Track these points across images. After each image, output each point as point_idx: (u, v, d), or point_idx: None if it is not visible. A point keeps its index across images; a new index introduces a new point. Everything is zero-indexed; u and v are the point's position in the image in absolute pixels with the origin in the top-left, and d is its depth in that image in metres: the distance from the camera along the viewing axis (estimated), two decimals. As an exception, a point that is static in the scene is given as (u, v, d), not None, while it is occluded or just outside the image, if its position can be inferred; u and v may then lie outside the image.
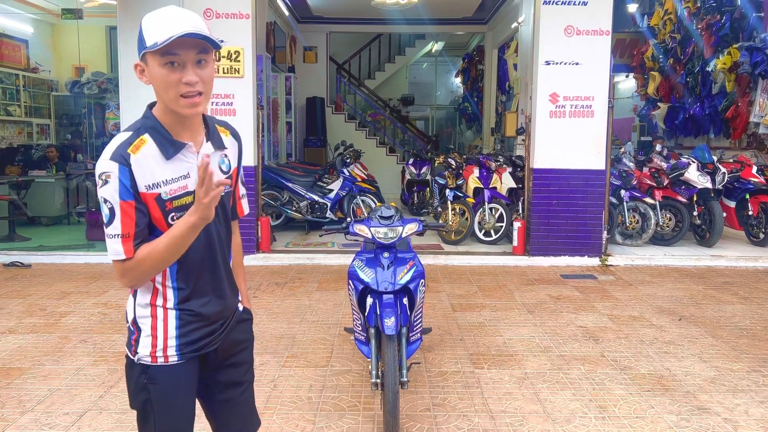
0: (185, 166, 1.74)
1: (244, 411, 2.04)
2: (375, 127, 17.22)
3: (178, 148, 1.73)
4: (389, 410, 3.05)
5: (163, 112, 1.73)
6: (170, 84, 1.66)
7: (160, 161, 1.70)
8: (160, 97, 1.72)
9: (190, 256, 1.78)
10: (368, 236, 3.40)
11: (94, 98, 11.59)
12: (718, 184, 8.09)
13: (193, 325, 1.83)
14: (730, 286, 6.51)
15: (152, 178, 1.69)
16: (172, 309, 1.80)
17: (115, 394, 3.72)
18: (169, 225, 1.72)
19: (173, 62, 1.65)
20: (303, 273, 6.99)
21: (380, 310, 3.18)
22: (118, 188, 1.63)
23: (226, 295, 1.90)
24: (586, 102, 7.33)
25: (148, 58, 1.68)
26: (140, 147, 1.68)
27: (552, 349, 4.59)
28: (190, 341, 1.82)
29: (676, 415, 3.51)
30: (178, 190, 1.73)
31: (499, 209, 8.29)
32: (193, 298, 1.82)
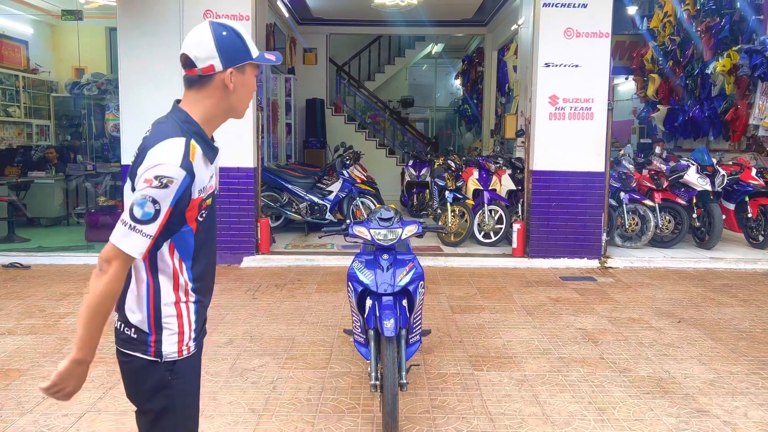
0: (211, 168, 1.84)
1: None
2: (375, 128, 17.23)
3: (215, 153, 1.84)
4: (388, 412, 3.05)
5: (207, 118, 1.81)
6: (252, 93, 1.87)
7: (204, 166, 1.77)
8: (232, 104, 1.84)
9: (203, 253, 1.86)
10: (367, 238, 3.40)
11: (93, 99, 11.59)
12: (717, 187, 8.10)
13: (202, 314, 1.92)
14: (729, 288, 6.51)
15: (201, 183, 1.76)
16: (192, 303, 1.85)
17: (114, 396, 3.72)
18: (198, 221, 1.80)
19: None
20: (302, 274, 6.99)
21: (379, 311, 3.18)
22: (174, 196, 1.66)
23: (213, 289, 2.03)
24: (585, 104, 7.34)
25: (247, 67, 1.81)
26: (195, 154, 1.72)
27: (551, 351, 4.59)
28: (200, 328, 1.90)
29: (676, 418, 3.51)
30: (208, 190, 1.82)
31: (498, 211, 8.29)
32: (203, 290, 1.89)
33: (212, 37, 1.74)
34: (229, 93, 1.80)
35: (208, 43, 1.74)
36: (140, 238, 1.64)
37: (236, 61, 1.76)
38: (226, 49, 1.74)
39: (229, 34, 1.76)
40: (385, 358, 3.07)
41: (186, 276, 1.83)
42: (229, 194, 7.33)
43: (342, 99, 16.73)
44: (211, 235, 1.92)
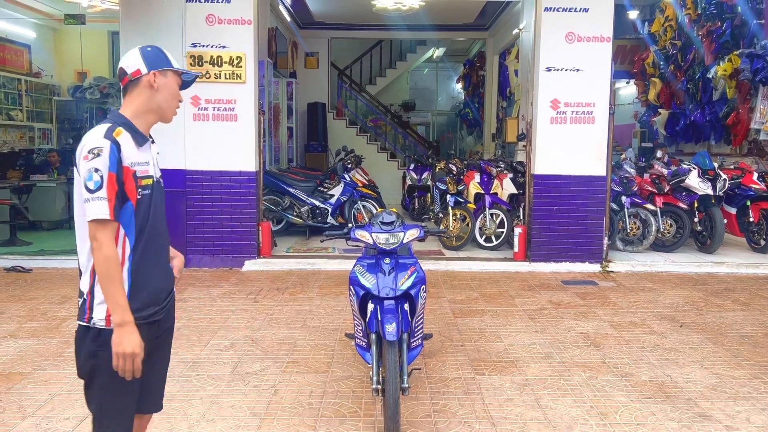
0: (147, 155, 2.21)
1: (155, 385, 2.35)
2: (376, 132, 17.25)
3: (144, 140, 2.20)
4: (390, 416, 3.05)
5: (135, 116, 2.21)
6: (177, 97, 2.29)
7: (134, 147, 2.14)
8: (158, 103, 2.23)
9: (149, 237, 2.16)
10: (369, 242, 3.40)
11: (96, 103, 11.64)
12: (719, 191, 8.10)
13: (143, 295, 2.15)
14: (731, 292, 6.50)
15: (132, 158, 2.11)
16: (126, 279, 2.11)
17: (116, 399, 3.72)
18: (137, 197, 2.12)
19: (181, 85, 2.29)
20: (304, 278, 6.99)
21: (381, 315, 3.18)
22: (108, 161, 2.02)
23: (169, 271, 2.33)
24: (587, 108, 7.35)
25: (170, 73, 2.24)
26: (120, 134, 2.10)
27: (553, 355, 4.59)
28: (140, 308, 2.12)
29: (678, 422, 3.50)
30: (143, 172, 2.16)
31: (500, 215, 8.29)
32: (145, 268, 2.16)
33: (138, 52, 2.21)
34: (154, 92, 2.20)
35: (135, 55, 2.21)
36: (99, 202, 2.00)
37: (158, 66, 2.21)
38: (149, 57, 2.21)
39: (153, 49, 2.25)
40: (387, 362, 3.07)
41: (128, 252, 2.12)
42: (231, 198, 7.34)
43: (343, 103, 16.77)
44: (157, 221, 2.21)
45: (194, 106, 7.21)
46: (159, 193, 2.24)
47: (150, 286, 2.18)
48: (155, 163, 2.26)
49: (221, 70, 7.18)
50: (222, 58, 7.18)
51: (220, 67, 7.18)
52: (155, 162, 2.26)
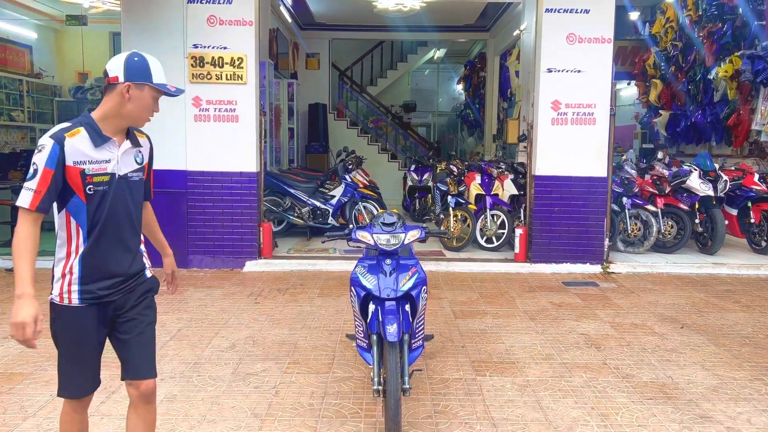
0: (107, 154, 2.36)
1: (140, 355, 2.51)
2: (377, 133, 17.27)
3: (104, 141, 2.35)
4: (391, 417, 3.05)
5: (103, 118, 2.35)
6: (149, 110, 2.41)
7: (89, 147, 2.31)
8: (127, 111, 2.35)
9: (102, 230, 2.38)
10: (370, 243, 3.40)
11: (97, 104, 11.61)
12: (719, 192, 8.10)
13: (95, 279, 2.38)
14: (732, 294, 6.50)
15: (81, 157, 2.29)
16: (77, 264, 2.36)
17: (117, 400, 3.72)
18: (85, 192, 2.32)
19: (157, 99, 2.42)
20: (305, 279, 6.99)
21: (382, 316, 3.18)
22: (46, 158, 2.23)
23: (127, 259, 2.47)
24: (587, 109, 7.35)
25: (147, 87, 2.36)
26: (75, 134, 2.29)
27: (554, 356, 4.59)
28: (90, 290, 2.38)
29: (679, 424, 3.50)
30: (99, 169, 2.34)
31: (500, 216, 8.29)
32: (98, 256, 2.39)
33: (124, 59, 2.34)
34: (125, 101, 2.33)
35: (119, 61, 2.34)
36: (27, 192, 2.22)
37: (135, 78, 2.33)
38: (131, 68, 2.33)
39: (140, 60, 2.36)
40: (388, 363, 3.07)
41: (81, 241, 2.36)
42: (232, 199, 7.34)
43: (344, 104, 16.78)
44: (117, 214, 2.40)
45: (195, 107, 7.22)
46: (121, 188, 2.41)
47: (101, 272, 2.39)
48: (128, 161, 2.43)
49: (222, 71, 7.19)
50: (223, 59, 7.19)
51: (221, 68, 7.19)
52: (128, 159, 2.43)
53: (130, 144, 2.44)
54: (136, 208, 2.51)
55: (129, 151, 2.44)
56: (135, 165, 2.47)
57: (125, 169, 2.43)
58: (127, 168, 2.43)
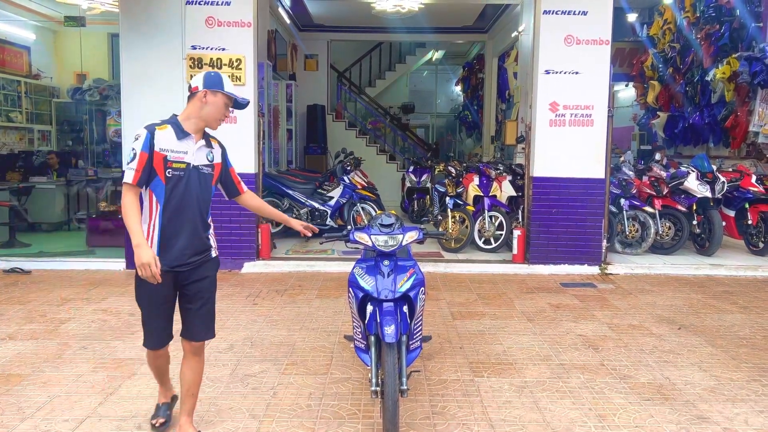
0: (186, 147, 3.04)
1: (199, 320, 3.16)
2: (375, 134, 17.26)
3: (184, 136, 3.05)
4: (389, 418, 3.05)
5: (185, 118, 3.07)
6: (221, 113, 3.09)
7: (172, 138, 3.01)
8: (205, 114, 3.05)
9: (175, 206, 3.01)
10: (368, 244, 3.40)
11: (95, 105, 11.62)
12: (717, 194, 8.12)
13: (168, 251, 3.02)
14: (729, 295, 6.51)
15: (165, 146, 2.98)
16: (155, 237, 3.00)
17: (115, 401, 3.72)
18: (165, 175, 2.98)
19: (228, 106, 3.10)
20: (303, 280, 6.99)
21: (380, 317, 3.19)
22: (141, 144, 2.94)
23: (195, 239, 3.09)
24: (585, 111, 7.36)
25: (220, 94, 3.04)
26: (163, 129, 3.01)
27: (552, 357, 4.59)
28: (164, 260, 2.98)
29: (676, 425, 3.51)
30: (178, 158, 3.01)
31: (498, 217, 8.30)
32: (171, 231, 3.02)
33: (203, 74, 3.08)
34: (203, 104, 3.03)
35: (199, 76, 3.08)
36: (129, 171, 2.94)
37: (211, 87, 3.03)
38: (207, 80, 3.05)
39: (215, 74, 3.07)
40: (386, 364, 3.08)
41: (158, 213, 3.00)
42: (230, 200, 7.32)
43: (343, 105, 16.78)
44: (187, 198, 3.02)
45: (194, 108, 7.21)
46: (193, 176, 3.05)
47: (173, 247, 3.02)
48: (200, 156, 3.08)
49: (221, 72, 7.18)
50: (222, 60, 7.20)
51: (220, 69, 7.19)
52: (201, 155, 3.08)
53: (204, 143, 3.11)
54: (204, 195, 3.13)
55: (202, 149, 3.10)
56: (206, 161, 3.13)
57: (198, 162, 3.08)
58: (200, 161, 3.09)
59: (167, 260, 2.99)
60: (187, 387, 3.20)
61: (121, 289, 6.42)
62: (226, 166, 3.31)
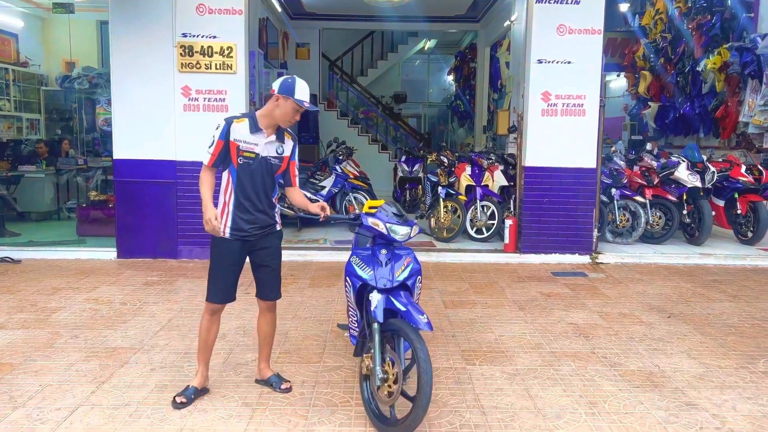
0: (257, 140, 3.49)
1: (267, 283, 3.71)
2: (367, 124, 17.21)
3: (257, 130, 3.49)
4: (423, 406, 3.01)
5: (261, 115, 3.50)
6: (290, 116, 3.48)
7: (246, 132, 3.47)
8: (276, 115, 3.46)
9: (246, 187, 3.49)
10: (382, 231, 3.37)
11: (84, 93, 11.50)
12: (707, 183, 8.17)
13: (240, 221, 3.52)
14: (718, 284, 6.57)
15: (239, 137, 3.46)
16: (231, 209, 3.52)
17: (108, 390, 3.71)
18: (238, 160, 3.46)
19: (298, 111, 3.48)
20: (295, 269, 6.99)
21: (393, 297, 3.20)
22: (220, 133, 3.45)
23: (261, 214, 3.57)
24: (577, 100, 7.37)
25: (290, 100, 3.42)
26: (241, 122, 3.49)
27: (543, 345, 4.63)
28: (236, 228, 3.53)
29: (665, 411, 3.55)
30: (249, 147, 3.48)
31: (490, 207, 8.32)
32: (242, 207, 3.51)
33: (281, 79, 3.47)
34: (275, 106, 3.45)
35: (278, 80, 3.48)
36: (207, 155, 3.50)
37: (283, 92, 3.42)
38: (282, 84, 3.44)
39: (291, 81, 3.45)
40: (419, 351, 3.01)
41: (232, 191, 3.51)
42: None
43: (335, 94, 16.70)
44: (255, 180, 3.51)
45: (185, 97, 7.17)
46: (260, 166, 3.50)
47: (242, 219, 3.51)
48: (270, 149, 3.53)
49: (212, 61, 7.14)
50: (212, 48, 7.14)
51: (211, 57, 7.14)
52: (270, 148, 3.52)
53: (275, 138, 3.53)
54: (270, 181, 3.58)
55: (273, 143, 3.53)
56: (275, 153, 3.56)
57: (266, 154, 3.52)
58: (269, 153, 3.52)
59: (239, 230, 3.51)
60: (263, 336, 3.82)
61: (112, 278, 6.39)
62: (291, 159, 3.68)
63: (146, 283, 6.29)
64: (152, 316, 5.18)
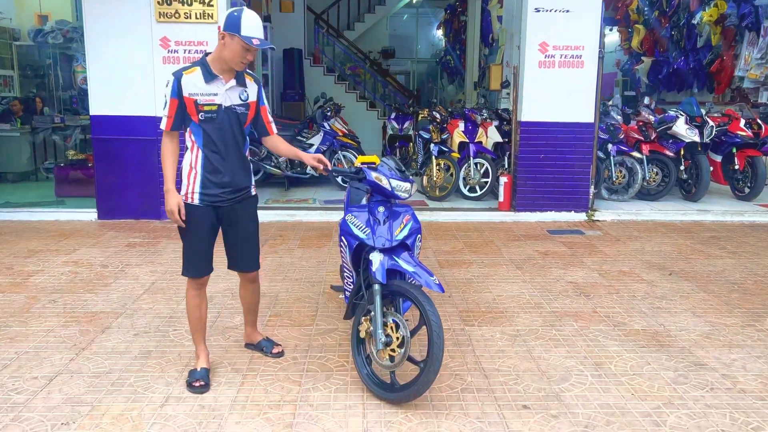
0: (215, 89, 3.02)
1: (245, 254, 3.36)
2: (355, 80, 16.74)
3: (213, 77, 3.01)
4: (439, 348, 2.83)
5: (213, 60, 3.02)
6: (240, 56, 2.95)
7: (200, 82, 2.99)
8: (225, 56, 2.96)
9: (213, 147, 3.06)
10: (386, 187, 3.09)
11: (59, 48, 11.00)
12: (706, 138, 7.97)
13: (210, 186, 3.08)
14: (717, 240, 6.44)
15: (194, 90, 2.99)
16: (198, 172, 3.07)
17: (88, 357, 3.50)
18: (199, 117, 3.00)
19: (247, 49, 2.93)
20: (284, 230, 6.76)
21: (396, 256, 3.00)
22: (170, 90, 2.97)
23: (233, 175, 3.13)
24: (576, 51, 7.08)
25: (237, 38, 2.89)
26: (191, 72, 3.01)
27: (543, 305, 4.47)
28: (207, 194, 3.09)
29: (674, 372, 3.41)
30: (208, 100, 3.00)
31: (484, 164, 8.09)
32: (211, 168, 3.07)
33: (227, 13, 2.96)
34: (222, 47, 2.96)
35: (224, 17, 2.96)
36: (163, 118, 3.03)
37: (228, 29, 2.92)
38: (227, 20, 2.93)
39: (238, 14, 2.91)
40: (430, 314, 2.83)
41: (198, 152, 3.07)
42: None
43: (321, 49, 16.18)
44: (224, 136, 3.06)
45: (163, 49, 6.78)
46: (226, 118, 3.04)
47: (212, 182, 3.07)
48: (232, 96, 3.05)
49: (191, 10, 6.73)
50: (192, -4, 6.72)
51: (190, 6, 6.72)
52: (232, 95, 3.05)
53: (235, 83, 3.05)
54: (241, 134, 3.13)
55: (234, 89, 3.06)
56: (240, 100, 3.09)
57: (230, 102, 3.06)
58: (232, 101, 3.06)
59: (209, 196, 3.09)
60: (248, 305, 3.53)
61: (93, 240, 6.13)
62: (259, 104, 3.21)
63: (128, 244, 6.03)
64: (135, 279, 4.95)
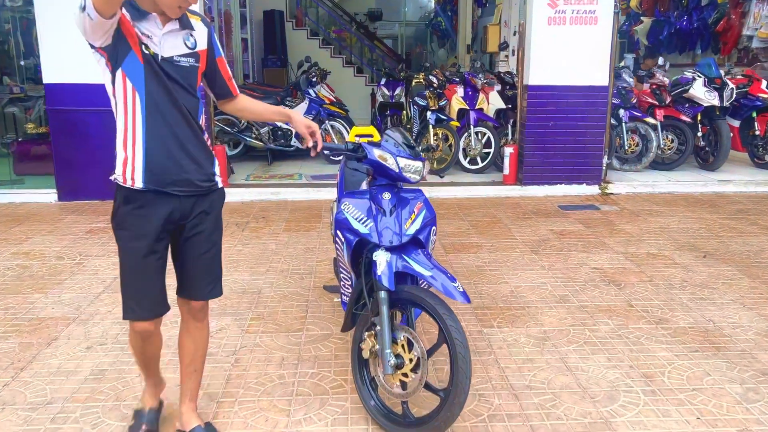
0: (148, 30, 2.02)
1: (201, 272, 2.27)
2: (341, 44, 15.84)
3: (142, 16, 2.01)
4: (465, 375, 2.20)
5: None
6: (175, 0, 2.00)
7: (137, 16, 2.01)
8: None
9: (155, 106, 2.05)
10: (392, 168, 2.39)
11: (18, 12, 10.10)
12: (726, 101, 7.32)
13: (158, 164, 2.09)
14: (745, 214, 5.86)
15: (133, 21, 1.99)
16: (140, 142, 2.07)
17: (26, 381, 2.84)
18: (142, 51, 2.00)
19: None
20: (267, 210, 6.08)
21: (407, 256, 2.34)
22: None
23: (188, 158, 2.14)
24: (589, 6, 6.36)
25: None
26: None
27: (569, 298, 3.86)
28: (153, 173, 2.09)
29: (740, 384, 2.82)
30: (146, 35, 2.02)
31: (486, 133, 7.40)
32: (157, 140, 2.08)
33: None
34: None
35: None
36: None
37: None
38: None
39: None
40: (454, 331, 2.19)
41: (139, 109, 2.04)
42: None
43: (303, 11, 15.22)
44: (163, 101, 2.06)
45: (125, 7, 5.97)
46: (167, 73, 2.05)
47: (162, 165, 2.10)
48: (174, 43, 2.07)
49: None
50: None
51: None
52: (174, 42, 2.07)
53: (177, 25, 2.08)
54: (191, 101, 2.13)
55: (175, 33, 2.08)
56: (185, 49, 2.11)
57: (170, 52, 2.07)
58: (173, 51, 2.08)
59: (157, 176, 2.09)
60: (188, 361, 2.39)
61: (50, 226, 5.41)
62: (213, 54, 2.23)
63: (90, 230, 5.32)
64: (94, 274, 4.26)
